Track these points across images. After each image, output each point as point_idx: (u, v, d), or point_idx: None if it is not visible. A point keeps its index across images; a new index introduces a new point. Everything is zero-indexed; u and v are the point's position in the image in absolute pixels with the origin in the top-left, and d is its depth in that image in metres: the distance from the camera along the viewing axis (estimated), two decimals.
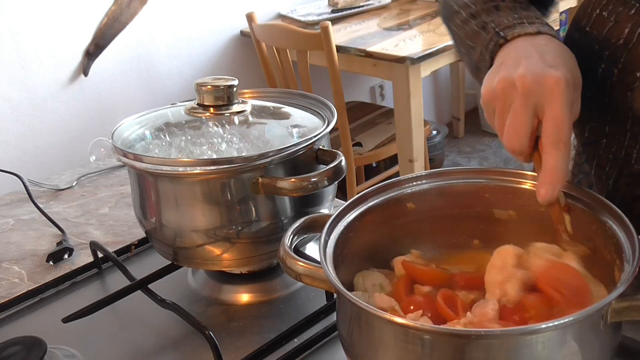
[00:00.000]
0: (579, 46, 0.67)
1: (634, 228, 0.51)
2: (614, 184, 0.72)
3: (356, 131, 2.48)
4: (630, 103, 0.65)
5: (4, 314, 0.80)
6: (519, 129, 0.54)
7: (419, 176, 0.64)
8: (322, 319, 0.72)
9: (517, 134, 0.55)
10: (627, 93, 0.65)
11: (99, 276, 0.87)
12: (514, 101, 0.55)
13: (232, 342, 0.70)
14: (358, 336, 0.51)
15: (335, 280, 0.50)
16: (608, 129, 0.70)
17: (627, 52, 0.64)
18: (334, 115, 0.76)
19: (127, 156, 0.70)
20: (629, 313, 0.45)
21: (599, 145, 0.72)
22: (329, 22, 2.06)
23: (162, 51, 2.47)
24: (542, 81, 0.54)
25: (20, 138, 2.18)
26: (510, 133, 0.55)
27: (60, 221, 1.00)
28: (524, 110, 0.54)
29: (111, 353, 0.71)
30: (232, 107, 0.77)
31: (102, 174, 1.19)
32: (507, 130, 0.55)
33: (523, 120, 0.54)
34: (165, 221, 0.72)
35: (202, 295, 0.79)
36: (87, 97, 2.32)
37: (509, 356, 0.44)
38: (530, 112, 0.54)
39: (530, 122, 0.54)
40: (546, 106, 0.53)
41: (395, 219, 0.64)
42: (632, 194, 0.70)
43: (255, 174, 0.68)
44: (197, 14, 2.53)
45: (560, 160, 0.53)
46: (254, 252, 0.74)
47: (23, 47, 2.12)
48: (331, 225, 0.57)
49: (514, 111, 0.55)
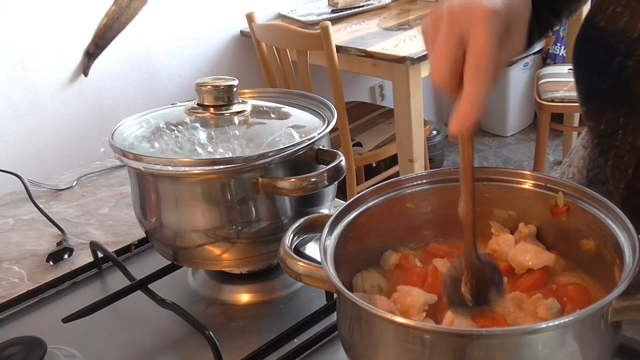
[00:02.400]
0: (594, 41, 0.68)
1: (634, 228, 0.51)
2: (634, 172, 0.72)
3: (356, 131, 2.48)
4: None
5: (4, 314, 0.80)
6: (441, 58, 0.52)
7: (419, 176, 0.64)
8: (322, 319, 0.72)
9: (439, 63, 0.52)
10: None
11: (99, 276, 0.87)
12: (441, 30, 0.52)
13: (232, 342, 0.70)
14: (358, 336, 0.51)
15: (336, 280, 0.50)
16: (623, 120, 0.71)
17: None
18: (334, 115, 0.76)
19: (127, 156, 0.69)
20: (629, 312, 0.45)
21: (615, 136, 0.72)
22: (329, 22, 2.06)
23: (162, 51, 2.47)
24: (468, 11, 0.51)
25: (20, 138, 2.18)
26: (433, 63, 0.53)
27: (60, 221, 1.00)
28: (447, 38, 0.52)
29: (111, 353, 0.71)
30: (232, 107, 0.77)
31: (102, 174, 1.19)
32: (431, 60, 0.53)
33: (445, 49, 0.51)
34: (165, 221, 0.72)
35: (202, 295, 0.79)
36: (87, 97, 2.32)
37: (509, 356, 0.44)
38: (453, 41, 0.51)
39: (453, 51, 0.51)
40: (470, 35, 0.51)
41: (395, 219, 0.64)
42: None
43: (255, 174, 0.68)
44: (197, 14, 2.53)
45: (478, 90, 0.50)
46: (254, 252, 0.74)
47: (23, 47, 2.12)
48: (331, 225, 0.57)
49: (438, 41, 0.52)
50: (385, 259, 0.63)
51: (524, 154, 3.33)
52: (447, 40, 0.52)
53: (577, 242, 0.59)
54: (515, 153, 3.35)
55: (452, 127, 0.50)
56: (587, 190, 0.57)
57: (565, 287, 0.57)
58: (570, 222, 0.59)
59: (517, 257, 0.59)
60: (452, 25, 0.51)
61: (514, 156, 3.32)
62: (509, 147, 3.42)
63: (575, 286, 0.57)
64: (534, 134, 3.31)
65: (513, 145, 3.44)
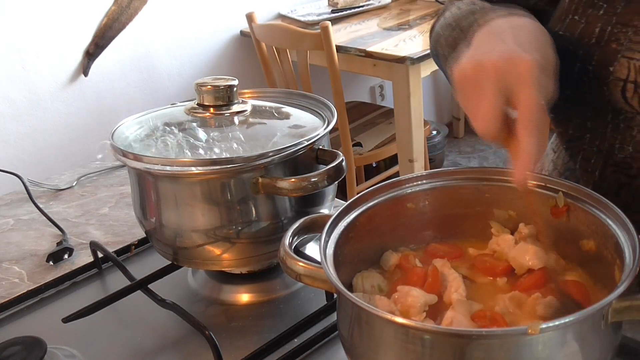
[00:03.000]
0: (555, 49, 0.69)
1: (634, 228, 0.52)
2: (600, 175, 0.74)
3: (356, 131, 2.48)
4: (607, 97, 0.68)
5: (4, 314, 0.80)
6: (490, 112, 0.54)
7: (419, 176, 0.64)
8: (322, 319, 0.72)
9: (488, 117, 0.54)
10: (604, 87, 0.67)
11: (99, 276, 0.87)
12: (485, 85, 0.54)
13: (232, 342, 0.70)
14: (358, 336, 0.51)
15: (336, 280, 0.50)
16: (590, 124, 0.73)
17: (599, 50, 0.67)
18: (334, 115, 0.76)
19: (127, 156, 0.69)
20: (630, 313, 0.45)
21: (583, 140, 0.74)
22: (329, 22, 2.06)
23: (162, 51, 2.47)
24: (513, 65, 0.53)
25: (20, 138, 2.18)
26: (481, 117, 0.55)
27: (60, 221, 1.00)
28: (495, 93, 0.54)
29: (111, 353, 0.71)
30: (232, 107, 0.77)
31: (102, 174, 1.19)
32: (479, 114, 0.55)
33: (494, 104, 0.54)
34: (165, 221, 0.72)
35: (202, 295, 0.79)
36: (87, 97, 2.32)
37: (509, 356, 0.44)
38: (501, 96, 0.54)
39: (499, 106, 0.54)
40: (518, 90, 0.53)
41: (395, 219, 0.64)
42: (617, 181, 0.72)
43: (255, 174, 0.68)
44: (197, 14, 2.53)
45: (533, 143, 0.53)
46: (254, 252, 0.74)
47: (23, 47, 2.12)
48: (331, 225, 0.57)
49: (486, 95, 0.54)
50: (385, 259, 0.63)
51: None
52: (494, 94, 0.54)
53: (577, 242, 0.59)
54: None
55: (517, 182, 0.54)
56: (587, 190, 0.57)
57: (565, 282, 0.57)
58: (571, 222, 0.59)
59: (517, 257, 0.59)
60: (498, 80, 0.54)
61: None
62: None
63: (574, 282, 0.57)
64: None
65: None
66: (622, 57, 0.65)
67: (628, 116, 0.68)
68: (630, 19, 0.65)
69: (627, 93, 0.66)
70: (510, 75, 0.53)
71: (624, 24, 0.65)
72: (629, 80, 0.65)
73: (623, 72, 0.65)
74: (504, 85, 0.53)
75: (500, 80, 0.54)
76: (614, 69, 0.66)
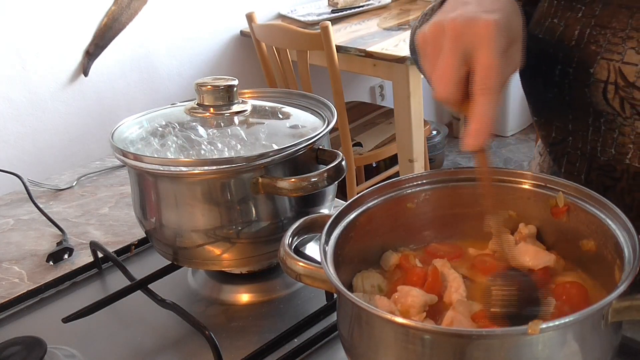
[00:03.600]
0: (535, 53, 0.69)
1: (633, 228, 0.52)
2: (586, 178, 0.74)
3: (356, 131, 2.48)
4: (589, 99, 0.68)
5: (4, 314, 0.80)
6: (447, 73, 0.52)
7: (419, 176, 0.64)
8: (322, 319, 0.72)
9: (445, 79, 0.52)
10: (584, 90, 0.68)
11: (99, 276, 0.87)
12: (444, 45, 0.53)
13: (232, 342, 0.70)
14: (358, 336, 0.51)
15: (336, 280, 0.50)
16: (571, 127, 0.73)
17: (579, 52, 0.68)
18: (334, 115, 0.76)
19: (127, 156, 0.69)
20: (630, 313, 0.45)
21: (566, 143, 0.74)
22: (329, 22, 2.06)
23: (162, 51, 2.47)
24: (472, 25, 0.52)
25: (20, 138, 2.18)
26: (438, 78, 0.53)
27: (60, 221, 1.00)
28: (452, 54, 0.52)
29: (111, 353, 0.71)
30: (232, 107, 0.77)
31: (102, 174, 1.19)
32: (436, 75, 0.53)
33: (451, 65, 0.52)
34: (165, 221, 0.72)
35: (202, 295, 0.79)
36: (87, 97, 2.32)
37: (509, 356, 0.44)
38: (458, 57, 0.52)
39: (458, 67, 0.52)
40: (475, 52, 0.51)
41: (395, 219, 0.64)
42: (602, 184, 0.72)
43: (255, 174, 0.68)
44: (197, 14, 2.52)
45: (488, 108, 0.51)
46: (254, 252, 0.74)
47: (23, 47, 2.12)
48: (331, 225, 0.57)
49: (443, 56, 0.53)
50: (385, 259, 0.63)
51: (524, 154, 3.33)
52: (452, 57, 0.52)
53: (577, 242, 0.59)
54: (515, 153, 3.35)
55: (467, 145, 0.52)
56: (587, 190, 0.57)
57: (564, 285, 0.57)
58: (571, 222, 0.59)
59: (517, 257, 0.59)
60: (456, 42, 0.52)
61: (514, 156, 3.32)
62: (509, 147, 3.41)
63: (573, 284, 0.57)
64: (533, 134, 3.31)
65: (513, 145, 3.44)
66: (601, 59, 0.66)
67: (609, 118, 0.68)
68: (608, 21, 0.66)
69: (608, 94, 0.66)
70: (467, 36, 0.51)
71: (603, 26, 0.66)
72: (609, 81, 0.66)
73: (603, 74, 0.66)
74: (463, 46, 0.52)
75: (458, 40, 0.52)
76: (594, 71, 0.66)
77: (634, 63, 0.64)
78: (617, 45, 0.65)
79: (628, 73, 0.64)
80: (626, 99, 0.65)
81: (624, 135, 0.68)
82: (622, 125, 0.68)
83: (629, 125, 0.67)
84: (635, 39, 0.64)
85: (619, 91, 0.65)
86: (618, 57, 0.65)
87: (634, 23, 0.64)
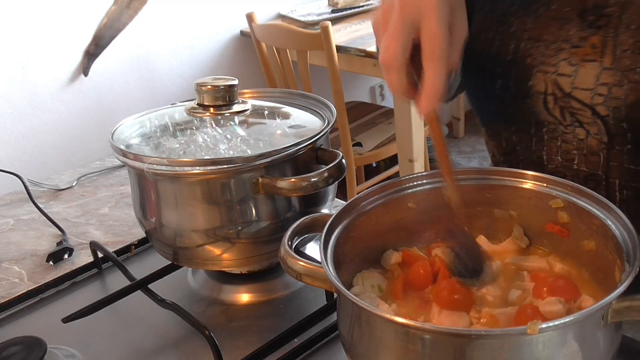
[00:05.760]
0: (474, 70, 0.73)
1: (633, 228, 0.52)
2: None
3: (356, 131, 2.48)
4: (531, 109, 0.70)
5: (4, 314, 0.80)
6: (392, 40, 0.55)
7: (419, 176, 0.64)
8: (322, 319, 0.72)
9: (390, 45, 0.55)
10: (526, 101, 0.69)
11: (99, 276, 0.87)
12: (392, 19, 0.55)
13: (232, 342, 0.70)
14: (359, 336, 0.51)
15: (336, 280, 0.50)
16: (516, 137, 0.75)
17: (515, 66, 0.69)
18: (334, 115, 0.76)
19: (127, 156, 0.70)
20: (630, 313, 0.45)
21: (516, 153, 0.76)
22: (329, 22, 2.06)
23: (162, 51, 2.47)
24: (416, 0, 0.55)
25: (20, 138, 2.18)
26: (384, 46, 0.55)
27: (60, 221, 1.00)
28: (399, 22, 0.55)
29: (111, 353, 0.71)
30: (232, 107, 0.77)
31: (102, 174, 1.19)
32: (382, 44, 0.56)
33: (396, 32, 0.54)
34: (165, 221, 0.72)
35: (202, 295, 0.79)
36: (87, 97, 2.32)
37: (509, 356, 0.44)
38: (406, 28, 0.54)
39: (404, 37, 0.54)
40: (422, 22, 0.54)
41: (395, 219, 0.64)
42: None
43: (255, 174, 0.68)
44: (197, 14, 2.53)
45: (437, 73, 0.53)
46: (254, 252, 0.74)
47: (23, 47, 2.12)
48: (331, 225, 0.57)
49: (391, 24, 0.55)
50: (386, 258, 0.63)
51: None
52: (398, 25, 0.55)
53: (577, 242, 0.59)
54: None
55: (420, 109, 0.55)
56: (588, 191, 0.57)
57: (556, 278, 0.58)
58: (571, 223, 0.59)
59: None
60: (402, 13, 0.55)
61: None
62: None
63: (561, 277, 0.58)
64: None
65: None
66: (537, 72, 0.67)
67: (550, 127, 0.70)
68: (540, 34, 0.67)
69: (549, 104, 0.67)
70: (413, 7, 0.54)
71: (535, 39, 0.67)
72: (547, 93, 0.67)
73: (541, 86, 0.67)
74: (410, 16, 0.54)
75: (404, 11, 0.54)
76: (533, 84, 0.68)
77: (567, 74, 0.66)
78: (551, 57, 0.66)
79: (563, 84, 0.66)
80: (565, 108, 0.67)
81: (567, 143, 0.69)
82: (564, 133, 0.69)
83: (570, 133, 0.69)
84: (567, 50, 0.65)
85: (558, 101, 0.67)
86: (552, 69, 0.66)
87: (564, 34, 0.65)
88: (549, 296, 0.53)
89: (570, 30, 0.65)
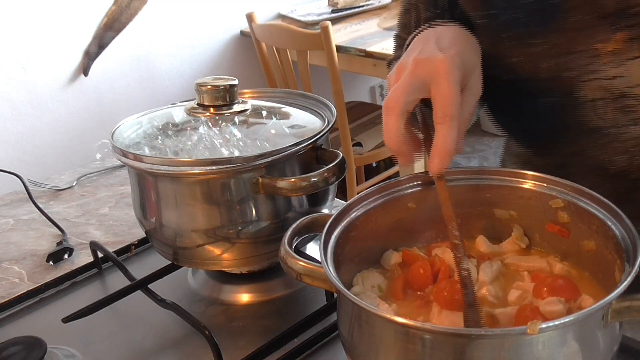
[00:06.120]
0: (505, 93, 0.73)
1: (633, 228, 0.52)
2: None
3: (356, 131, 2.48)
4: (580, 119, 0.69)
5: (4, 314, 0.80)
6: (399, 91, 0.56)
7: (419, 176, 0.64)
8: (322, 319, 0.72)
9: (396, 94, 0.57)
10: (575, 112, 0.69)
11: (99, 276, 0.87)
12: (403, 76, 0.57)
13: (232, 342, 0.70)
14: (359, 336, 0.51)
15: (336, 280, 0.50)
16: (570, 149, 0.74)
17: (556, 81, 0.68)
18: (334, 115, 0.76)
19: (127, 156, 0.69)
20: (630, 313, 0.45)
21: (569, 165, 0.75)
22: (329, 22, 2.06)
23: (162, 51, 2.47)
24: (430, 60, 0.57)
25: (20, 138, 2.18)
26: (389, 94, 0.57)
27: (60, 221, 1.00)
28: (409, 79, 0.57)
29: (111, 353, 0.71)
30: (232, 107, 0.77)
31: (102, 174, 1.19)
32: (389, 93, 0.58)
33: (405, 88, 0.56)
34: (165, 221, 0.72)
35: (202, 295, 0.79)
36: (87, 97, 2.32)
37: (509, 356, 0.44)
38: (415, 84, 0.56)
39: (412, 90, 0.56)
40: (433, 83, 0.56)
41: (396, 219, 0.64)
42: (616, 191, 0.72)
43: (255, 174, 0.68)
44: (197, 14, 2.53)
45: (448, 134, 0.55)
46: (254, 252, 0.74)
47: (23, 47, 2.12)
48: (331, 225, 0.57)
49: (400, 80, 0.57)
50: (386, 258, 0.63)
51: None
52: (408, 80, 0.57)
53: (577, 242, 0.59)
54: None
55: (432, 170, 0.57)
56: (588, 191, 0.57)
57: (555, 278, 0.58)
58: (571, 223, 0.59)
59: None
60: (415, 71, 0.57)
61: None
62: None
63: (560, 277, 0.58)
64: None
65: None
66: (580, 82, 0.67)
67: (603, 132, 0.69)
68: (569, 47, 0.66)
69: (598, 110, 0.67)
70: (426, 68, 0.56)
71: (568, 52, 0.66)
72: (597, 99, 0.67)
73: (588, 94, 0.67)
74: (421, 76, 0.56)
75: (417, 69, 0.57)
76: (578, 94, 0.67)
77: (616, 76, 0.65)
78: (589, 65, 0.66)
79: (616, 86, 0.65)
80: (618, 109, 0.66)
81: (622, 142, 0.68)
82: (618, 134, 0.68)
83: (624, 133, 0.68)
84: (604, 55, 0.65)
85: (610, 104, 0.66)
86: (595, 75, 0.66)
87: (594, 41, 0.65)
88: (549, 296, 0.53)
89: (597, 36, 0.64)
